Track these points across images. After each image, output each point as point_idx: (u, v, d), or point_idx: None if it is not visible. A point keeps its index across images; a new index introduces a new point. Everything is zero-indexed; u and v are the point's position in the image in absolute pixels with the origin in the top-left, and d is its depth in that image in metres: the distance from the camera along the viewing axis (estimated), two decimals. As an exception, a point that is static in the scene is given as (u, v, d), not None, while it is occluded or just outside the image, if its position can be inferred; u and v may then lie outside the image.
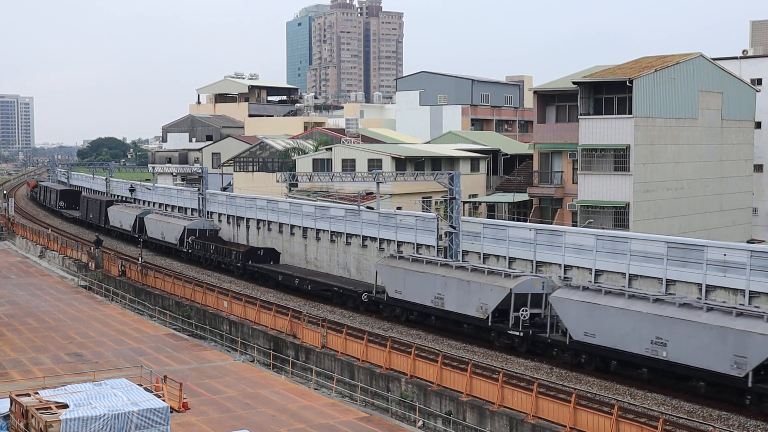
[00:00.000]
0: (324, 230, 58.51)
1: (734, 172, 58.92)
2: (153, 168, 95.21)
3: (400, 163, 64.33)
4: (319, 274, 56.04)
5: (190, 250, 67.84)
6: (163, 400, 25.30)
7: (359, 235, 55.04)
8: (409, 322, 44.73)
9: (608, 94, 51.37)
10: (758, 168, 69.22)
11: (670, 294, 35.88)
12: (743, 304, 33.39)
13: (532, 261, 43.33)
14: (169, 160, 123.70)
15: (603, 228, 46.39)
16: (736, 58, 73.51)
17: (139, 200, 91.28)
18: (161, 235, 72.75)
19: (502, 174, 74.84)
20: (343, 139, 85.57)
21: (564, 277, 41.58)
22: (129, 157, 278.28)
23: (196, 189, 76.75)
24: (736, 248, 35.82)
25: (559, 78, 61.04)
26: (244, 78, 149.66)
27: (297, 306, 49.43)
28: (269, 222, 65.17)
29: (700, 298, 35.24)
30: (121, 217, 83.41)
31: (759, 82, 71.18)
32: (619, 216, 49.84)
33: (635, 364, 33.61)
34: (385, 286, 45.81)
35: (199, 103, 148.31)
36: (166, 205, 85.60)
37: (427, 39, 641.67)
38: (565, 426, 28.22)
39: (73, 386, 26.13)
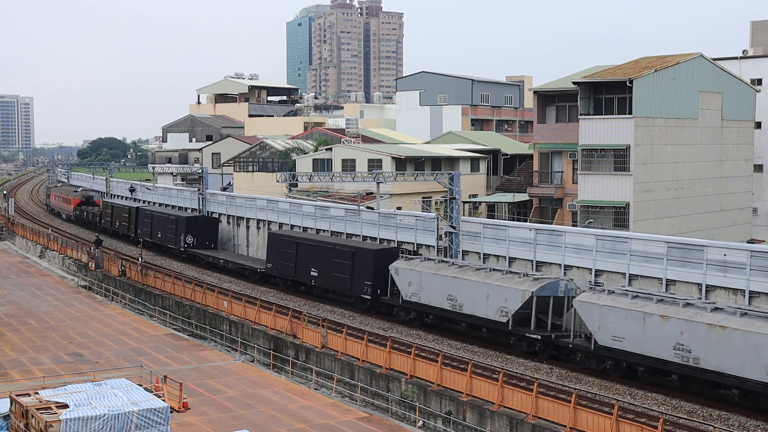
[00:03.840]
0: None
1: (734, 172, 58.93)
2: (153, 168, 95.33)
3: (400, 163, 64.35)
4: None
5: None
6: (163, 400, 25.27)
7: (359, 235, 55.02)
8: None
9: (608, 94, 51.38)
10: (758, 168, 69.28)
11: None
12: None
13: (531, 261, 43.34)
14: (169, 160, 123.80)
15: (603, 228, 46.38)
16: (736, 58, 73.57)
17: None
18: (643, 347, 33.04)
19: (502, 174, 74.89)
20: (343, 139, 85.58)
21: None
22: (129, 157, 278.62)
23: (196, 189, 76.77)
24: (736, 248, 35.77)
25: (559, 78, 61.05)
26: (244, 78, 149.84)
27: (297, 306, 49.41)
28: (269, 222, 65.17)
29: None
30: (454, 289, 40.64)
31: (759, 82, 71.23)
32: (619, 216, 49.84)
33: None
34: None
35: (199, 103, 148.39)
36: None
37: (427, 39, 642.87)
38: (565, 426, 28.22)
39: (73, 386, 26.10)
